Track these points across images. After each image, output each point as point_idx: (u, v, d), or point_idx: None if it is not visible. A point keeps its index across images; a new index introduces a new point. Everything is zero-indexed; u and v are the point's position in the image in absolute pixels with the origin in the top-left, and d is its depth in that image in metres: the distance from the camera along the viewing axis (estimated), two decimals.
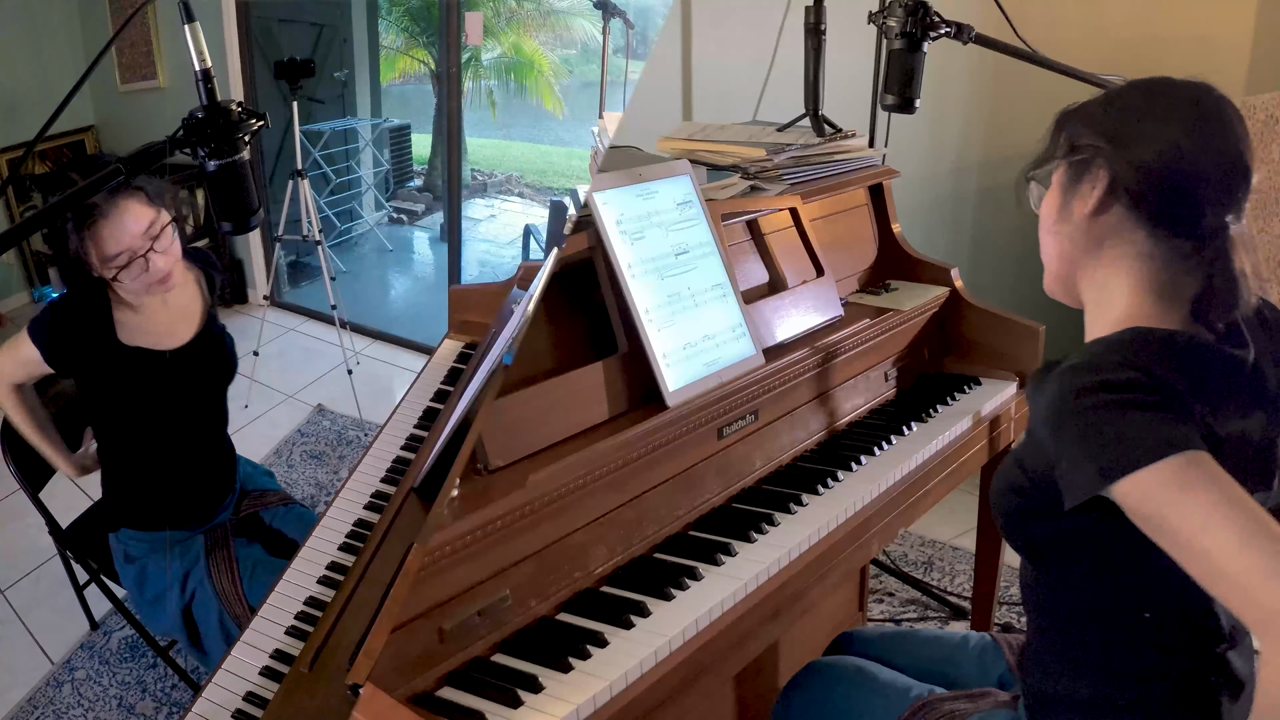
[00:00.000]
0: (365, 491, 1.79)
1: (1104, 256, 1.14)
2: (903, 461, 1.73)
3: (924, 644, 1.53)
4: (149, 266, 1.70)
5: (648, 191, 1.62)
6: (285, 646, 1.51)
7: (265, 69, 3.47)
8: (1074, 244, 1.16)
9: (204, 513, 1.89)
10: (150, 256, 1.69)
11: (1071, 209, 1.15)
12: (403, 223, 4.27)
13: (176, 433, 1.86)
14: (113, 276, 1.69)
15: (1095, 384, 1.01)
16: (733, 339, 1.64)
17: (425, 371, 2.12)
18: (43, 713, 2.20)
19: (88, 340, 1.75)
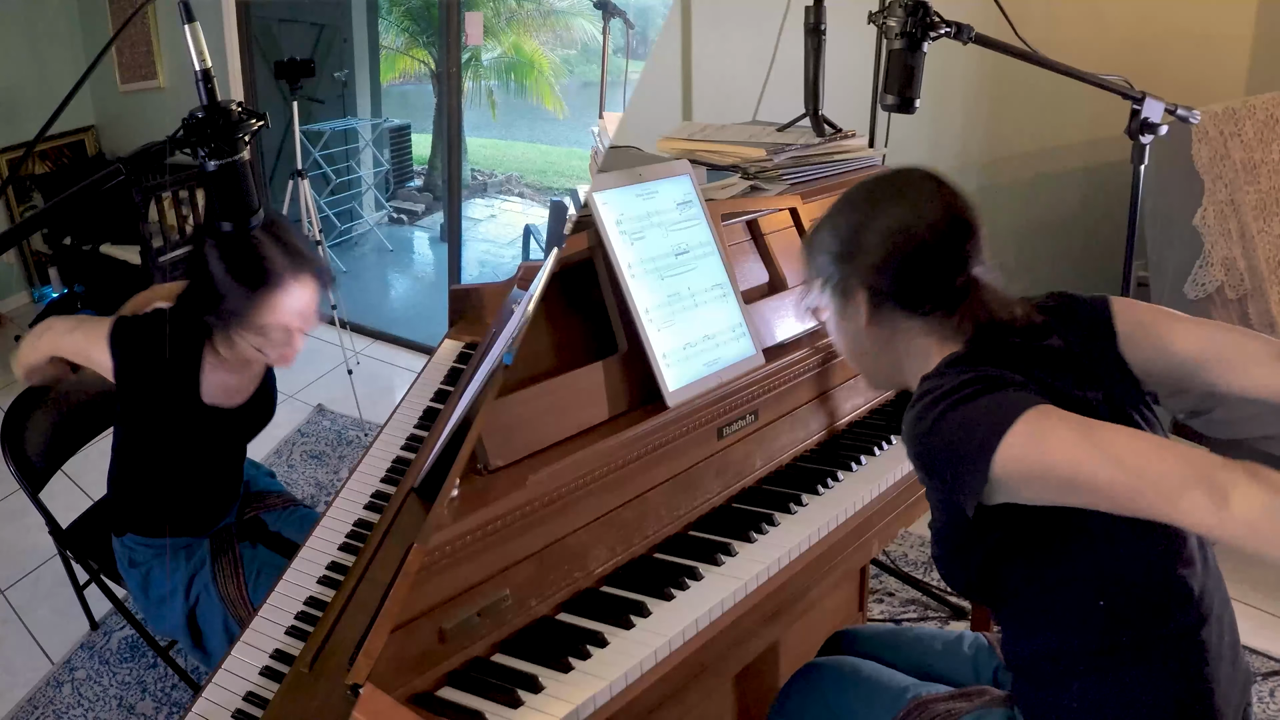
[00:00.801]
0: (365, 491, 1.79)
1: (897, 345, 1.27)
2: (903, 461, 1.73)
3: (919, 642, 1.53)
4: (290, 345, 1.64)
5: (648, 191, 1.62)
6: (285, 646, 1.51)
7: (265, 69, 3.47)
8: (871, 348, 1.29)
9: (211, 521, 1.88)
10: (296, 337, 1.64)
11: (852, 326, 1.28)
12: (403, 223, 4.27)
13: (201, 465, 1.84)
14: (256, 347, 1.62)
15: (931, 402, 1.11)
16: (733, 339, 1.64)
17: (425, 371, 2.12)
18: (43, 713, 2.20)
19: (169, 385, 1.67)
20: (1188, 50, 3.19)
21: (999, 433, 1.04)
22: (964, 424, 1.07)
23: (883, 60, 1.92)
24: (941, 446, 1.10)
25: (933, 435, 1.10)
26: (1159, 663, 1.15)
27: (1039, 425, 1.03)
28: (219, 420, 1.76)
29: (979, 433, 1.05)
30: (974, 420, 1.07)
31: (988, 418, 1.06)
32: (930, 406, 1.11)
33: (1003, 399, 1.07)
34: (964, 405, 1.08)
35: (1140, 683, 1.16)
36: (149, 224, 3.12)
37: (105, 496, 1.97)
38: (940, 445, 1.10)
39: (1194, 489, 0.95)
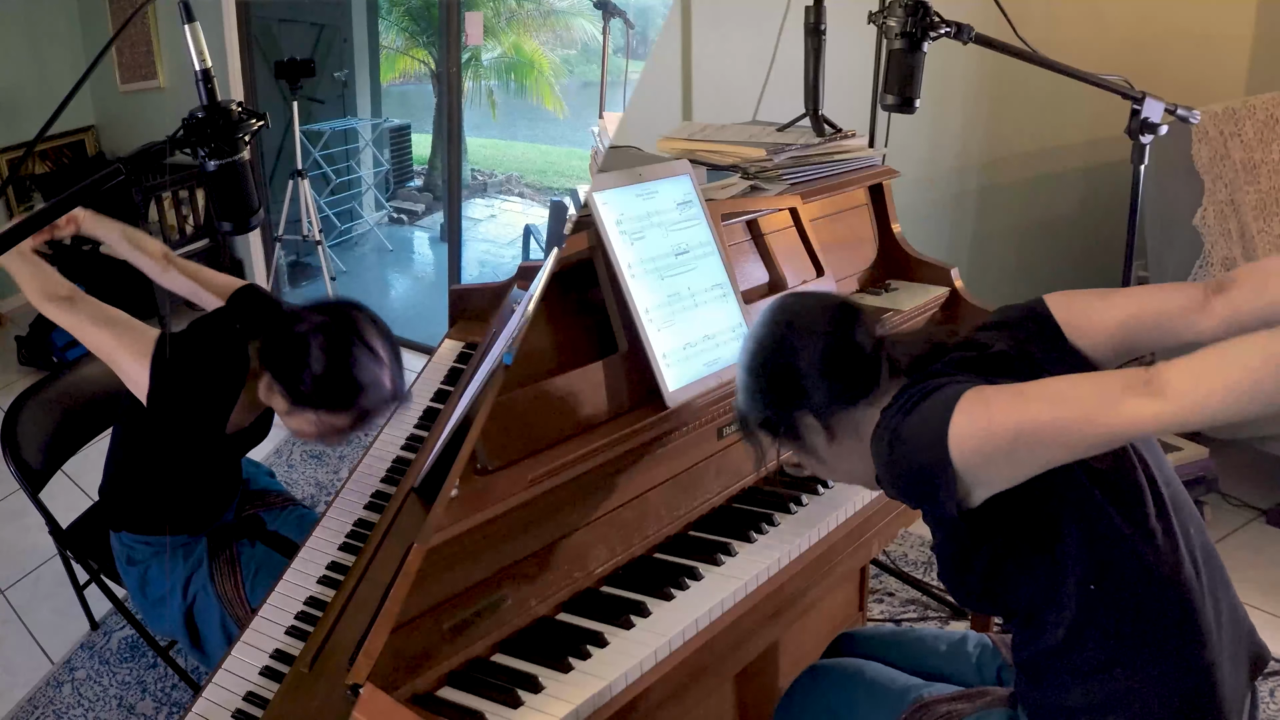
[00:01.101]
0: (365, 491, 1.79)
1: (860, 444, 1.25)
2: None
3: (922, 643, 1.53)
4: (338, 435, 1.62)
5: (648, 191, 1.62)
6: (285, 646, 1.51)
7: (265, 69, 3.47)
8: (852, 459, 1.29)
9: (208, 519, 1.88)
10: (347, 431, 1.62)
11: (823, 453, 1.29)
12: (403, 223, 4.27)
13: (201, 469, 1.83)
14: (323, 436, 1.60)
15: (881, 431, 1.15)
16: (733, 339, 1.64)
17: (425, 371, 2.12)
18: (43, 713, 2.20)
19: (199, 416, 1.66)
20: (1188, 50, 3.19)
21: (944, 424, 1.07)
22: (912, 433, 1.11)
23: (883, 60, 1.92)
24: (903, 464, 1.13)
25: (893, 458, 1.14)
26: (1159, 656, 1.15)
27: (975, 401, 1.07)
28: (229, 441, 1.77)
29: (927, 434, 1.09)
30: (918, 425, 1.11)
31: (930, 416, 1.09)
32: (882, 435, 1.15)
33: (937, 396, 1.10)
34: (906, 417, 1.12)
35: (1141, 677, 1.16)
36: (149, 224, 3.12)
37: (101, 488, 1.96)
38: (902, 463, 1.13)
39: (1129, 393, 0.98)
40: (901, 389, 1.19)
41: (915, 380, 1.19)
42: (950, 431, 1.07)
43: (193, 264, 1.88)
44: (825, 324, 1.27)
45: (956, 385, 1.10)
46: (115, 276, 2.39)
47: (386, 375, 1.59)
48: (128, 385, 1.67)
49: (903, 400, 1.15)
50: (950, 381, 1.13)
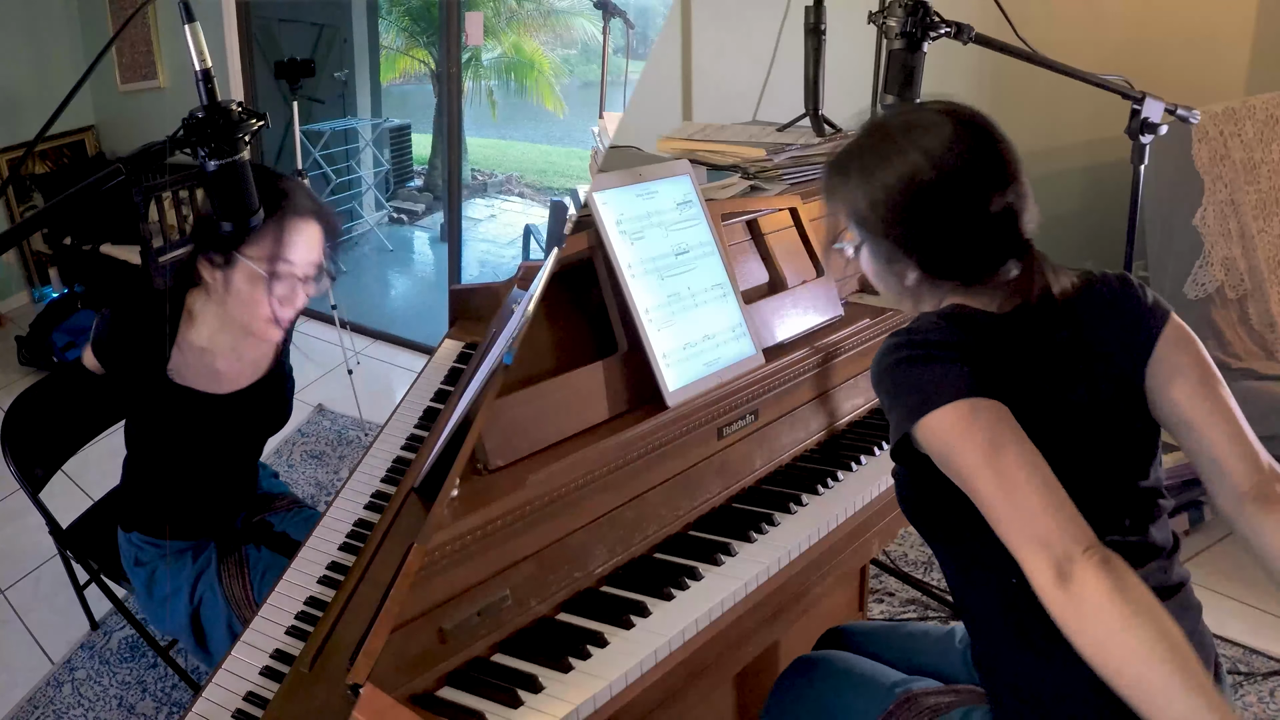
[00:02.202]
0: (365, 491, 1.79)
1: (929, 296, 1.26)
2: None
3: (911, 638, 1.54)
4: (296, 296, 1.62)
5: (648, 191, 1.62)
6: (285, 646, 1.51)
7: (265, 69, 3.47)
8: (905, 295, 1.28)
9: (219, 524, 1.88)
10: (304, 287, 1.62)
11: (893, 278, 1.26)
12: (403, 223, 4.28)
13: (212, 461, 1.82)
14: (269, 273, 1.57)
15: (903, 342, 1.15)
16: (733, 339, 1.64)
17: (425, 371, 2.12)
18: (43, 713, 2.20)
19: (139, 364, 1.66)
20: (1188, 50, 3.19)
21: (927, 407, 1.09)
22: (907, 382, 1.12)
23: (883, 60, 1.92)
24: (885, 390, 1.16)
25: (883, 375, 1.16)
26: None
27: (961, 417, 1.07)
28: (204, 406, 1.72)
29: (913, 398, 1.11)
30: (914, 383, 1.12)
31: (926, 388, 1.10)
32: (894, 349, 1.15)
33: (945, 376, 1.10)
34: (916, 365, 1.12)
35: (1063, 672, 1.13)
36: (149, 224, 3.12)
37: (116, 488, 1.95)
38: (884, 388, 1.16)
39: (1046, 553, 0.99)
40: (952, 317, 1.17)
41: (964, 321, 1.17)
42: (924, 418, 1.09)
43: None
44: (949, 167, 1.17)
45: (964, 382, 1.09)
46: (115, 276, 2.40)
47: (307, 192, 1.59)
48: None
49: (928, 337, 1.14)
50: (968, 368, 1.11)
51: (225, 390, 1.74)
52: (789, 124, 2.17)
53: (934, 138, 1.18)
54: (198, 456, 1.79)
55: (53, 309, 3.65)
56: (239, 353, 1.74)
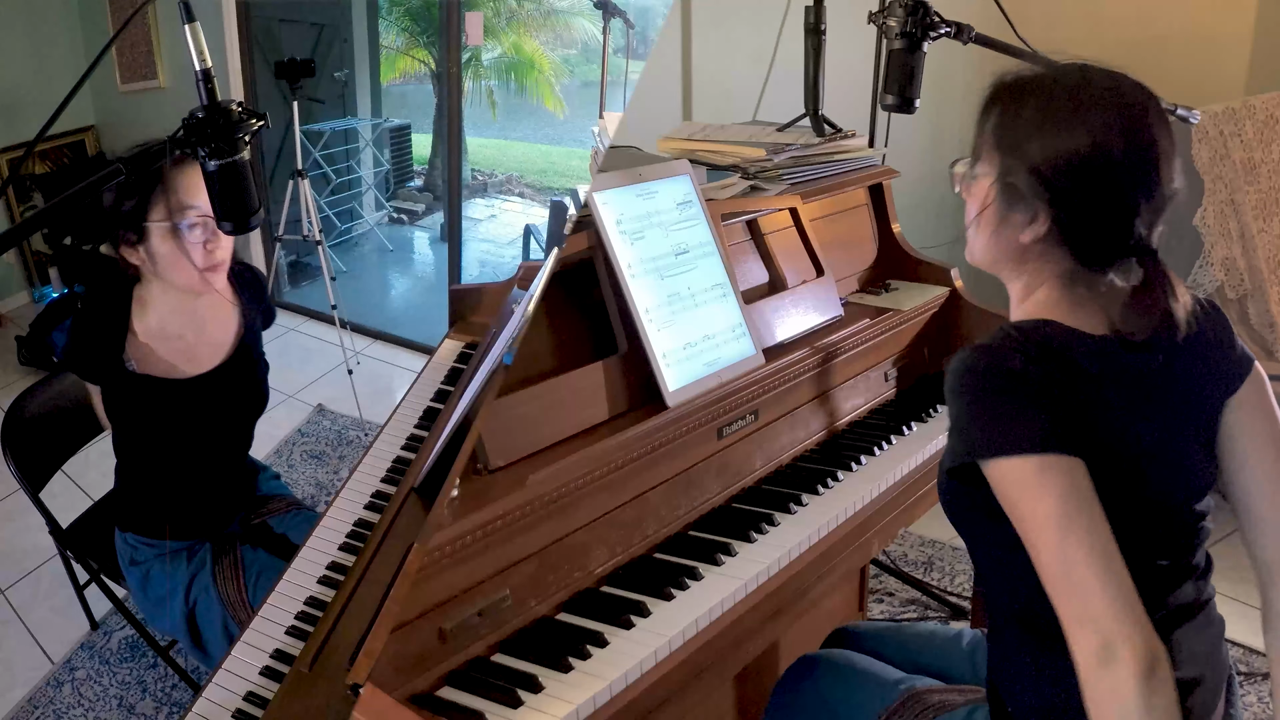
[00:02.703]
0: (365, 491, 1.79)
1: (1029, 267, 1.19)
2: (903, 461, 1.73)
3: (917, 639, 1.54)
4: (215, 243, 1.63)
5: (648, 191, 1.62)
6: (285, 646, 1.50)
7: (265, 69, 3.47)
8: (1003, 251, 1.20)
9: (216, 525, 1.88)
10: (219, 235, 1.63)
11: (1006, 229, 1.18)
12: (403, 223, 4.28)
13: (195, 454, 1.82)
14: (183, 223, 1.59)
15: (983, 367, 1.10)
16: (733, 339, 1.64)
17: (425, 371, 2.12)
18: (43, 713, 2.20)
19: (100, 363, 1.71)
20: (1188, 50, 3.19)
21: (996, 451, 1.05)
22: (981, 414, 1.08)
23: (883, 60, 1.92)
24: (956, 409, 1.11)
25: (957, 393, 1.11)
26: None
27: (1031, 474, 1.04)
28: (169, 394, 1.73)
29: (983, 434, 1.07)
30: (988, 418, 1.07)
31: (999, 428, 1.06)
32: (972, 372, 1.10)
33: (1020, 419, 1.05)
34: (991, 397, 1.08)
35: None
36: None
37: (111, 491, 1.96)
38: (955, 407, 1.11)
39: (1095, 634, 0.99)
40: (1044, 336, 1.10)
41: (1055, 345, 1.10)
42: (995, 461, 1.05)
43: None
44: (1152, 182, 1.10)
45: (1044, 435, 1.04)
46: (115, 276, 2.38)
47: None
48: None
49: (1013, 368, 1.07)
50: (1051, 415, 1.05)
51: (192, 373, 1.76)
52: (789, 124, 2.17)
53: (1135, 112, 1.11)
54: (180, 448, 1.79)
55: (53, 309, 3.64)
56: (199, 329, 1.77)
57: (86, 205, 1.58)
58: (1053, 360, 1.10)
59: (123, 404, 1.75)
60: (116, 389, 1.73)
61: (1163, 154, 1.11)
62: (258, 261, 3.56)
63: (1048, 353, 1.10)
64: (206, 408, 1.78)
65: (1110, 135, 1.09)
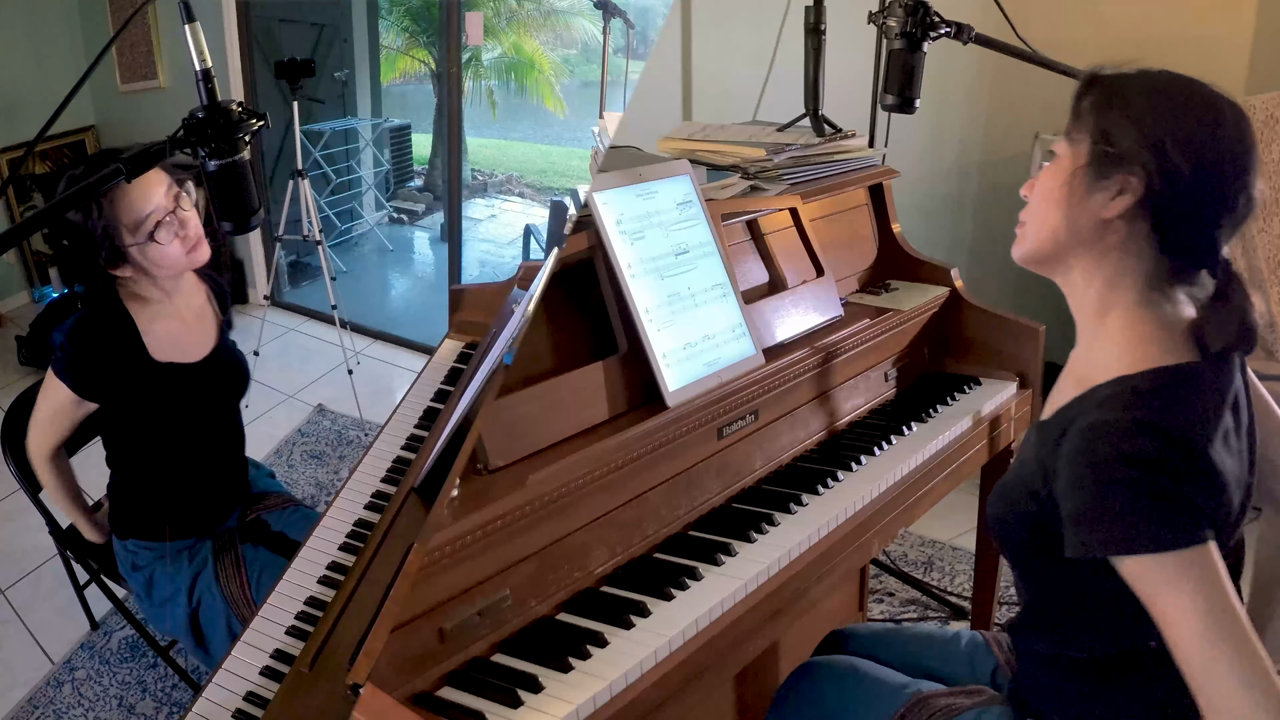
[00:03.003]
0: (365, 491, 1.79)
1: (1104, 257, 1.12)
2: (903, 461, 1.73)
3: (915, 641, 1.53)
4: (185, 226, 1.67)
5: (648, 191, 1.62)
6: (285, 646, 1.51)
7: (266, 69, 3.47)
8: (1074, 230, 1.13)
9: (213, 522, 1.88)
10: (181, 215, 1.67)
11: (1087, 201, 1.11)
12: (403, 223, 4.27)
13: (193, 446, 1.84)
14: (150, 237, 1.63)
15: (1112, 456, 1.01)
16: (733, 339, 1.64)
17: (425, 371, 2.12)
18: (43, 713, 2.20)
19: (119, 362, 1.71)
20: (1188, 50, 3.19)
21: (1142, 549, 0.98)
22: (1127, 509, 0.99)
23: (883, 60, 1.92)
24: (1095, 497, 1.01)
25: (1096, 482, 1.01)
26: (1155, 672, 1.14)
27: (1179, 573, 0.97)
28: (185, 378, 1.77)
29: (1129, 531, 0.98)
30: (1135, 517, 0.98)
31: (1148, 526, 0.98)
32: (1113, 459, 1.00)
33: (1173, 520, 0.98)
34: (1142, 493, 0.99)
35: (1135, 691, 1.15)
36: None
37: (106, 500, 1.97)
38: (1094, 496, 1.01)
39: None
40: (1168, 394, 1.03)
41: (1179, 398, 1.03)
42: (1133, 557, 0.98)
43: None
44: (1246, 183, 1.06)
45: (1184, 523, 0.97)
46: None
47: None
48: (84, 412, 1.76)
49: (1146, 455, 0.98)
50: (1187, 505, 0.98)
51: (196, 358, 1.81)
52: (789, 124, 2.17)
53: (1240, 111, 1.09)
54: (181, 438, 1.81)
55: (53, 309, 3.64)
56: (195, 312, 1.83)
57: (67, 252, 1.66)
58: (1174, 415, 1.03)
59: (139, 400, 1.75)
60: (143, 384, 1.74)
61: (1254, 162, 1.08)
62: (258, 261, 3.56)
63: (1168, 412, 1.03)
64: (207, 392, 1.84)
65: (1221, 116, 1.06)
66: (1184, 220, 1.08)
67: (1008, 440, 2.06)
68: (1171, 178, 1.06)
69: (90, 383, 1.71)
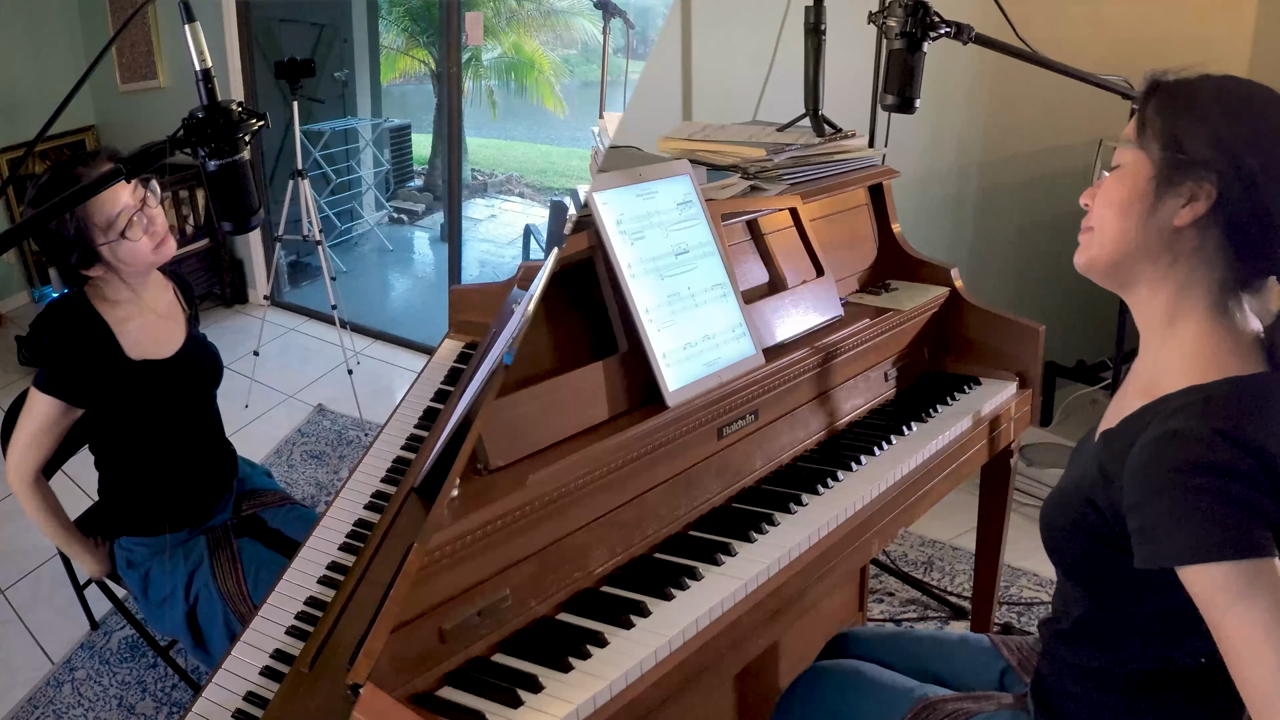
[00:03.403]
0: (365, 491, 1.79)
1: (1173, 266, 1.10)
2: (903, 461, 1.73)
3: (921, 644, 1.53)
4: (153, 223, 1.72)
5: (648, 191, 1.62)
6: (285, 646, 1.51)
7: (265, 69, 3.47)
8: (1143, 239, 1.10)
9: (202, 512, 1.89)
10: (148, 213, 1.72)
11: (1158, 208, 1.08)
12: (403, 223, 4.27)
13: (175, 438, 1.86)
14: (121, 235, 1.69)
15: (1188, 463, 0.99)
16: (733, 339, 1.64)
17: (425, 371, 2.12)
18: (43, 713, 2.20)
19: (99, 364, 1.75)
20: (1188, 51, 3.18)
21: (1211, 557, 0.96)
22: (1198, 515, 0.97)
23: (883, 60, 1.92)
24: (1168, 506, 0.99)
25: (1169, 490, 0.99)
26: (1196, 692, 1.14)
27: (1247, 584, 0.95)
28: (161, 375, 1.80)
29: (1199, 539, 0.96)
30: (1206, 524, 0.96)
31: (1218, 534, 0.96)
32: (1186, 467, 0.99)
33: (1244, 529, 0.96)
34: (1215, 500, 0.97)
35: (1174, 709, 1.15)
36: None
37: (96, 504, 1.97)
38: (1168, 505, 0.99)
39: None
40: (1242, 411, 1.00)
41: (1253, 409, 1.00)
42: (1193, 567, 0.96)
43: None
44: None
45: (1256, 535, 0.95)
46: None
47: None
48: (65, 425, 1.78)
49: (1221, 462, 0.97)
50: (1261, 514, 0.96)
51: (169, 353, 1.84)
52: (789, 124, 2.17)
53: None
54: (161, 433, 1.83)
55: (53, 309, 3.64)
56: (164, 309, 1.86)
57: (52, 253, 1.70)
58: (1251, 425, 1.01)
59: (122, 400, 1.77)
60: (123, 383, 1.76)
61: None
62: (258, 261, 3.56)
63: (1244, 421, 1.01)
64: (183, 385, 1.87)
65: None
66: (1258, 226, 1.05)
67: (1008, 440, 2.07)
68: (1246, 183, 1.03)
69: (76, 388, 1.75)
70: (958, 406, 1.96)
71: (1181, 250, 1.09)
